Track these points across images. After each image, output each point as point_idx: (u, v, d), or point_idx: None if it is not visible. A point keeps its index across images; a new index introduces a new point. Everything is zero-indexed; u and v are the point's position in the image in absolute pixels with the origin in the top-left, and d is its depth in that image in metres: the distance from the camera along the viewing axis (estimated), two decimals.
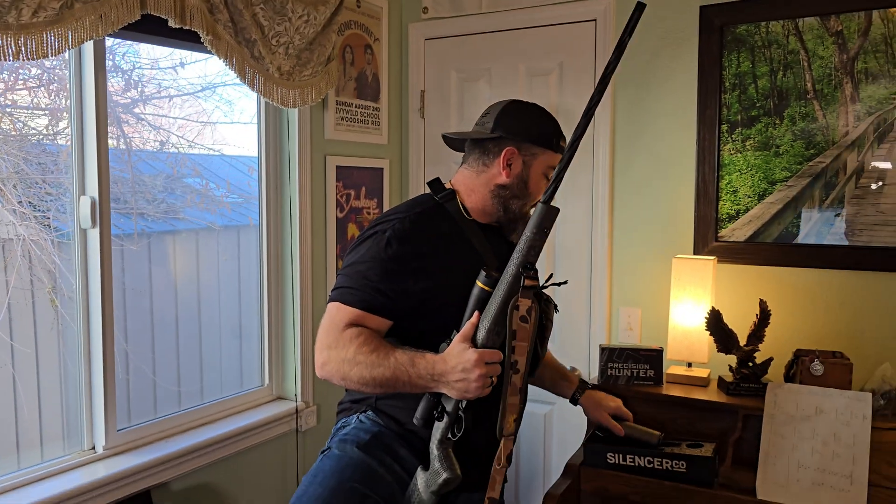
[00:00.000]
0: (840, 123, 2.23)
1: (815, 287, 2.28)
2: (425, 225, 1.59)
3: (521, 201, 1.65)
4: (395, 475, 1.58)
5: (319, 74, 2.36)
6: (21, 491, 1.79)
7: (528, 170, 1.64)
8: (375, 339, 1.51)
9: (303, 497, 1.53)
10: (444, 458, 1.51)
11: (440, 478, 1.50)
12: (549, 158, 1.65)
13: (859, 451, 1.89)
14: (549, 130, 1.67)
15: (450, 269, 1.57)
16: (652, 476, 2.04)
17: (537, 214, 1.45)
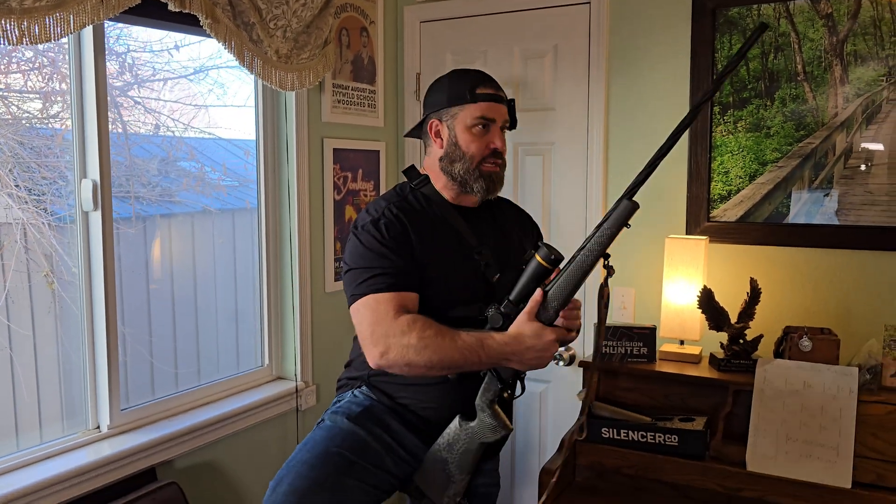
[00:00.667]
0: (829, 105, 2.27)
1: (805, 266, 2.33)
2: (408, 209, 1.68)
3: (461, 163, 1.68)
4: (385, 444, 1.65)
5: (317, 57, 2.37)
6: (29, 469, 1.82)
7: (454, 131, 1.68)
8: (433, 324, 1.55)
9: (292, 461, 1.61)
10: (495, 414, 1.59)
11: (496, 434, 1.59)
12: (469, 111, 1.66)
13: (846, 424, 1.95)
14: (460, 86, 1.68)
15: (435, 247, 1.65)
16: (645, 450, 2.10)
17: (620, 210, 1.50)
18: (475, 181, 1.68)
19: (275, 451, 2.47)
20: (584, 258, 1.53)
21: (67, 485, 1.83)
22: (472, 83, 1.68)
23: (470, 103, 1.66)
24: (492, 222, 1.77)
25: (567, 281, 1.53)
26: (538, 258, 1.54)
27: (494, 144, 1.67)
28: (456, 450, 1.61)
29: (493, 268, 1.67)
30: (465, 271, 1.66)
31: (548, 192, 2.74)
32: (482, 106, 1.66)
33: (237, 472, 2.34)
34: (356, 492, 1.59)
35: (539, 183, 2.75)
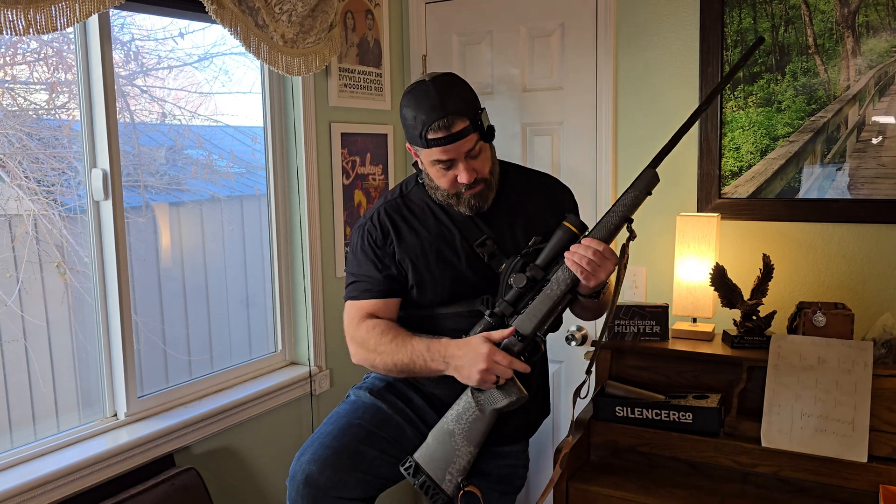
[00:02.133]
0: (841, 78, 2.24)
1: (818, 241, 2.31)
2: (402, 210, 1.71)
3: (438, 191, 1.66)
4: (406, 417, 1.70)
5: (322, 41, 2.36)
6: (50, 457, 1.84)
7: (424, 163, 1.65)
8: (393, 329, 1.64)
9: (316, 433, 1.65)
10: (511, 380, 1.58)
11: (510, 398, 1.57)
12: (426, 155, 1.61)
13: (860, 398, 1.94)
14: (414, 126, 1.58)
15: (430, 246, 1.67)
16: (659, 427, 2.10)
17: (644, 177, 1.59)
18: (458, 205, 1.66)
19: (290, 436, 2.49)
20: (611, 218, 1.58)
21: (87, 472, 1.85)
22: (423, 125, 1.56)
23: (424, 149, 1.59)
24: (501, 209, 1.72)
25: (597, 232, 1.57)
26: (567, 224, 1.58)
27: (461, 181, 1.60)
28: (465, 419, 1.59)
29: (497, 258, 1.66)
30: (466, 266, 1.66)
31: (557, 173, 2.73)
32: (434, 152, 1.58)
33: (254, 457, 2.36)
34: (378, 463, 1.63)
35: (548, 163, 2.74)
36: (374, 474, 1.63)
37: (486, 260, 1.66)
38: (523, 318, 1.58)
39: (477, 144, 1.59)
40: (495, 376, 1.53)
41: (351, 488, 1.58)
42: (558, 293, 1.57)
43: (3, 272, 1.86)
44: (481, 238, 1.66)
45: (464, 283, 1.66)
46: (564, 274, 1.56)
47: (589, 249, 1.52)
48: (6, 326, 1.86)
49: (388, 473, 1.66)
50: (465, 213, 1.67)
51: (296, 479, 1.59)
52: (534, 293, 1.59)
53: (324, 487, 1.57)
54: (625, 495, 2.01)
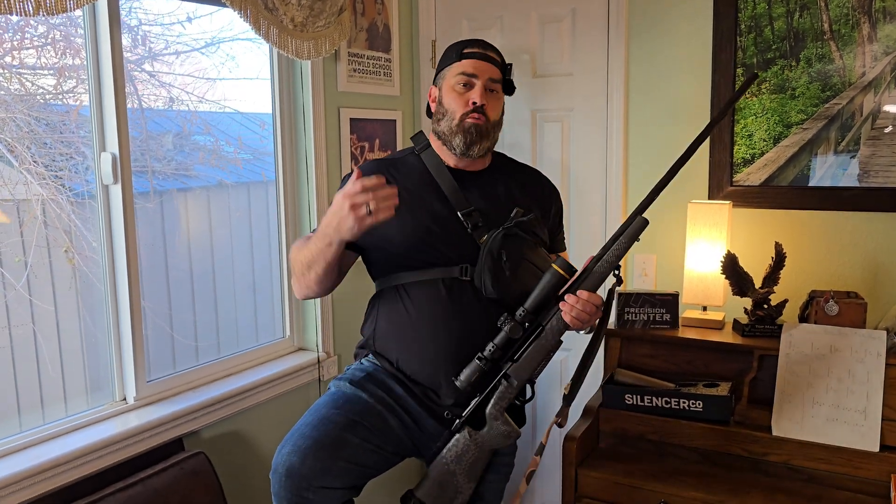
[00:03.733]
0: (857, 64, 2.22)
1: (830, 229, 2.29)
2: (388, 169, 1.73)
3: (444, 121, 1.72)
4: (387, 405, 1.69)
5: (332, 25, 2.34)
6: (58, 440, 1.84)
7: (442, 92, 1.74)
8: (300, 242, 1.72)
9: (297, 425, 1.65)
10: (507, 421, 1.64)
11: (508, 439, 1.64)
12: (453, 70, 1.71)
13: (873, 388, 1.93)
14: (452, 50, 1.74)
15: (412, 207, 1.67)
16: (669, 416, 2.10)
17: (633, 226, 1.58)
18: (454, 136, 1.70)
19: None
20: (602, 268, 1.58)
21: (97, 455, 1.85)
22: (463, 45, 1.73)
23: (455, 62, 1.71)
24: (493, 187, 1.76)
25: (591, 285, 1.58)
26: (556, 268, 1.57)
27: (473, 99, 1.68)
28: (465, 461, 1.64)
29: (481, 230, 1.67)
30: (447, 232, 1.67)
31: (567, 159, 2.71)
32: (465, 63, 1.70)
33: (263, 442, 2.36)
34: (360, 451, 1.61)
35: (558, 150, 2.72)
36: (358, 462, 1.61)
37: (469, 230, 1.67)
38: (519, 367, 1.61)
39: (498, 83, 1.72)
40: (364, 207, 1.47)
41: (334, 477, 1.57)
42: (552, 343, 1.60)
43: (12, 257, 1.86)
44: (468, 208, 1.68)
45: (437, 244, 1.67)
46: (559, 324, 1.59)
47: (588, 304, 1.55)
48: (15, 311, 1.85)
49: (372, 462, 1.64)
50: (458, 147, 1.70)
51: (278, 472, 1.57)
52: (526, 340, 1.61)
53: (306, 477, 1.54)
54: (634, 482, 2.01)
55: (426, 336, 1.67)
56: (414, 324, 1.68)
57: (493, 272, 1.60)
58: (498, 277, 1.60)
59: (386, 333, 1.74)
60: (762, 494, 1.92)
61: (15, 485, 1.68)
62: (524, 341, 1.61)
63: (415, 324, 1.68)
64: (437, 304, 1.66)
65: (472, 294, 1.66)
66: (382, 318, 1.75)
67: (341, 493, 1.59)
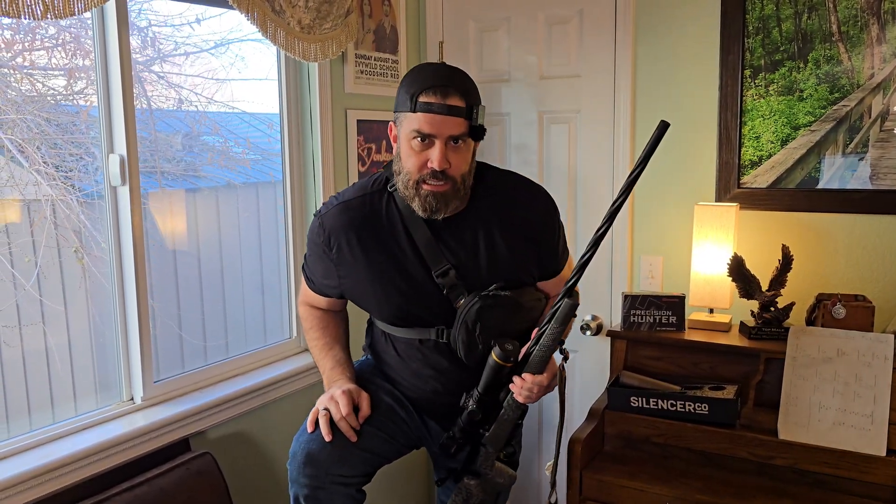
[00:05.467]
0: (865, 66, 2.20)
1: (838, 231, 2.28)
2: (358, 219, 1.58)
3: (401, 179, 1.52)
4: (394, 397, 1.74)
5: (339, 27, 2.35)
6: (66, 440, 1.85)
7: (399, 140, 1.52)
8: (320, 327, 1.79)
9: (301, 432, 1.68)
10: (499, 471, 1.64)
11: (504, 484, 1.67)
12: (408, 122, 1.47)
13: (880, 392, 1.92)
14: (409, 88, 1.47)
15: (382, 265, 1.59)
16: (675, 418, 2.09)
17: (562, 310, 1.44)
18: (412, 199, 1.51)
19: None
20: (540, 352, 1.51)
21: (103, 455, 1.86)
22: (419, 86, 1.45)
23: (410, 112, 1.46)
24: (471, 235, 1.59)
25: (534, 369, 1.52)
26: (494, 357, 1.52)
27: (431, 164, 1.46)
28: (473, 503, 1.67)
29: (457, 290, 1.56)
30: (422, 295, 1.59)
31: (574, 161, 2.71)
32: (420, 117, 1.44)
33: (269, 442, 2.37)
34: (375, 439, 1.64)
35: (565, 151, 2.72)
36: (372, 451, 1.64)
37: (444, 292, 1.57)
38: (490, 436, 1.61)
39: (463, 135, 1.47)
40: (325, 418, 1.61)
41: (351, 465, 1.59)
42: (515, 416, 1.59)
43: (23, 257, 1.88)
44: (443, 267, 1.55)
45: (414, 310, 1.61)
46: (515, 402, 1.56)
47: (534, 387, 1.52)
48: (25, 310, 1.87)
49: (384, 450, 1.67)
50: (418, 212, 1.53)
51: (296, 458, 1.59)
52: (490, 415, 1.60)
53: (324, 463, 1.56)
54: (639, 485, 2.00)
55: (409, 383, 1.72)
56: (398, 367, 1.72)
57: (467, 344, 1.57)
58: (471, 348, 1.57)
59: (378, 359, 1.78)
60: (768, 498, 1.91)
61: (23, 483, 1.70)
62: (489, 416, 1.60)
63: (399, 367, 1.72)
64: (417, 360, 1.68)
65: (448, 354, 1.63)
66: (376, 343, 1.79)
67: (356, 480, 1.62)
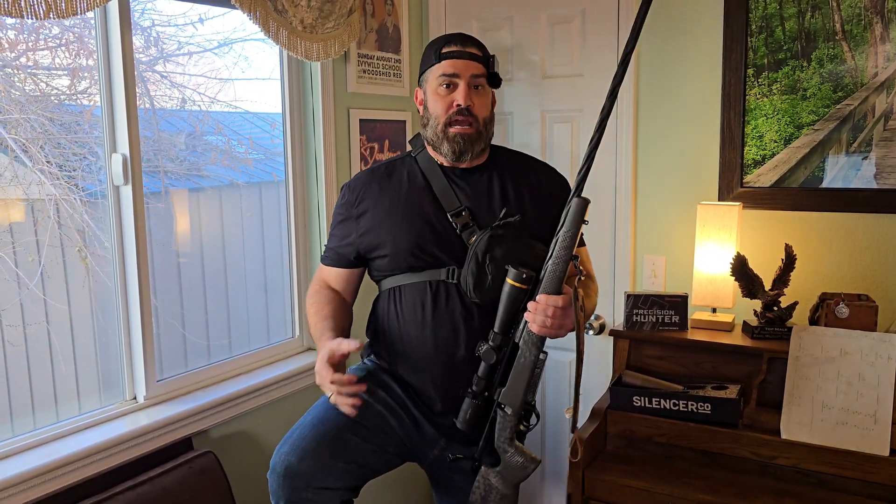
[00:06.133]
0: (869, 65, 2.20)
1: (841, 231, 2.28)
2: (382, 174, 1.74)
3: (430, 126, 1.68)
4: (387, 405, 1.68)
5: (341, 26, 2.35)
6: (69, 439, 1.86)
7: (427, 95, 1.70)
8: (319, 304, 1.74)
9: (297, 424, 1.64)
10: (519, 451, 1.59)
11: (527, 470, 1.59)
12: (434, 72, 1.66)
13: (884, 391, 1.91)
14: (431, 49, 1.69)
15: (399, 210, 1.67)
16: (677, 418, 2.09)
17: (572, 210, 1.49)
18: (441, 143, 1.66)
19: None
20: (555, 265, 1.49)
21: (106, 454, 1.87)
22: (441, 44, 1.67)
23: (436, 63, 1.66)
24: (486, 184, 1.70)
25: (549, 286, 1.50)
26: (509, 281, 1.52)
27: (457, 102, 1.63)
28: (492, 499, 1.61)
29: (471, 230, 1.63)
30: (436, 233, 1.65)
31: (577, 160, 2.70)
32: (444, 64, 1.64)
33: (272, 442, 2.36)
34: (360, 451, 1.61)
35: (567, 151, 2.71)
36: (357, 462, 1.60)
37: (458, 230, 1.64)
38: (508, 391, 1.55)
39: (482, 77, 1.65)
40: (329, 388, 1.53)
41: (334, 478, 1.56)
42: (532, 358, 1.53)
43: (26, 256, 1.88)
44: (458, 208, 1.65)
45: (428, 247, 1.64)
46: (531, 337, 1.52)
47: (549, 308, 1.48)
48: (29, 310, 1.88)
49: (372, 462, 1.63)
50: (447, 156, 1.66)
51: (276, 471, 1.56)
52: (507, 362, 1.55)
53: (305, 476, 1.54)
54: (641, 485, 2.00)
55: (413, 343, 1.66)
56: (402, 330, 1.68)
57: (476, 275, 1.57)
58: (480, 281, 1.56)
59: (381, 338, 1.75)
60: (771, 498, 1.90)
61: (27, 482, 1.71)
62: (506, 363, 1.55)
63: (403, 330, 1.68)
64: (423, 309, 1.64)
65: (457, 298, 1.63)
66: (379, 321, 1.75)
67: (340, 494, 1.59)
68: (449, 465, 1.72)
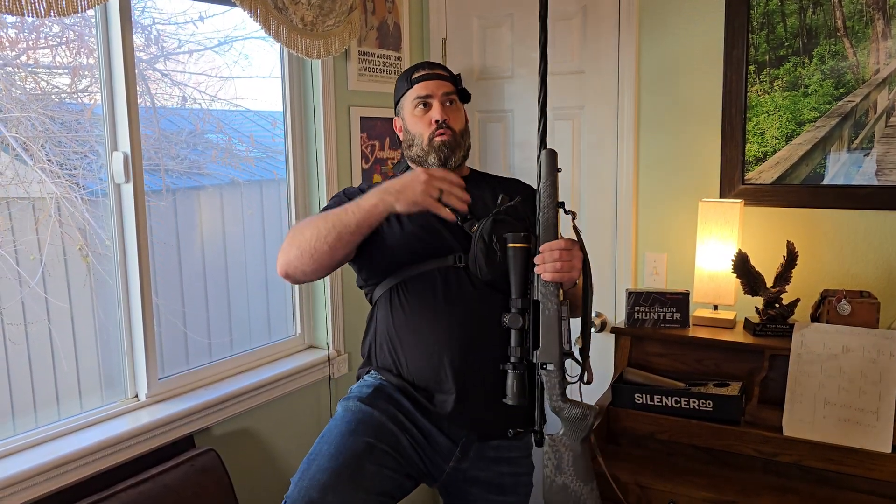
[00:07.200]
0: (871, 61, 2.19)
1: (843, 228, 2.27)
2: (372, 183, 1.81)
3: (415, 145, 1.78)
4: (399, 423, 1.66)
5: (342, 24, 2.35)
6: (71, 437, 1.86)
7: (405, 120, 1.81)
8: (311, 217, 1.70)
9: (312, 455, 1.60)
10: (575, 403, 1.59)
11: (587, 419, 1.59)
12: (409, 97, 1.78)
13: (886, 388, 1.91)
14: (402, 78, 1.82)
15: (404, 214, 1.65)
16: (679, 415, 2.08)
17: (544, 161, 1.60)
18: (428, 155, 1.76)
19: (309, 418, 2.50)
20: (545, 215, 1.57)
21: (108, 452, 1.87)
22: (410, 72, 1.81)
23: (409, 89, 1.78)
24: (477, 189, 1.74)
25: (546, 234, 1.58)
26: (511, 245, 1.58)
27: (435, 118, 1.74)
28: (566, 465, 1.59)
29: (470, 222, 1.67)
30: (438, 226, 1.69)
31: (578, 157, 2.70)
32: (417, 87, 1.77)
33: (274, 439, 2.38)
34: (378, 478, 1.58)
35: (569, 147, 2.71)
36: (377, 492, 1.57)
37: (459, 222, 1.67)
38: (544, 349, 1.57)
39: (453, 94, 1.79)
40: (438, 190, 1.55)
41: None
42: (555, 307, 1.56)
43: (27, 254, 1.88)
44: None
45: (435, 236, 1.70)
46: (546, 287, 1.56)
47: (554, 253, 1.54)
48: (30, 308, 1.88)
49: (389, 488, 1.61)
50: (434, 165, 1.74)
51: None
52: (534, 322, 1.58)
53: None
54: (643, 482, 2.00)
55: (425, 325, 1.66)
56: (411, 316, 1.68)
57: (486, 254, 1.61)
58: (491, 259, 1.61)
59: (385, 336, 1.73)
60: (773, 495, 1.90)
61: (28, 480, 1.71)
62: (534, 323, 1.58)
63: (413, 316, 1.68)
64: (434, 292, 1.67)
65: (466, 280, 1.67)
66: (381, 323, 1.74)
67: None
68: (465, 478, 1.71)
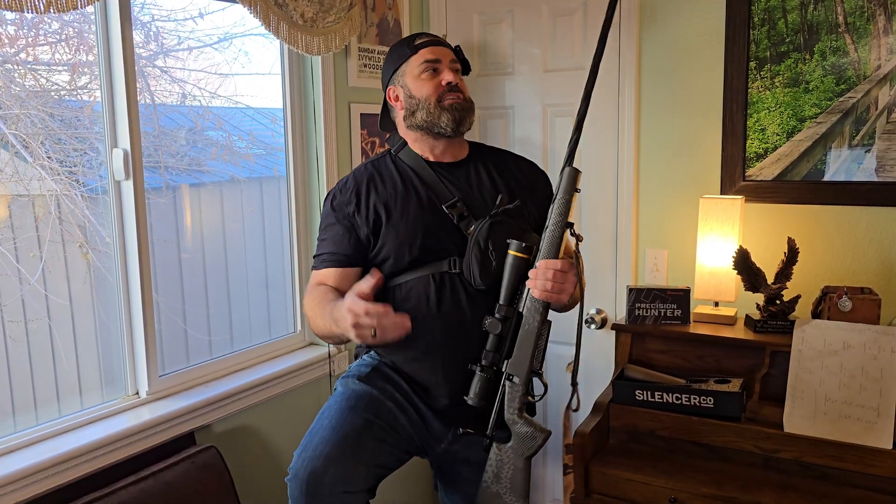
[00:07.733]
0: (872, 57, 2.19)
1: (844, 224, 2.27)
2: (370, 174, 1.75)
3: (421, 110, 1.72)
4: (397, 402, 1.68)
5: (342, 20, 2.34)
6: (71, 434, 1.86)
7: (406, 86, 1.74)
8: (321, 295, 1.67)
9: (314, 429, 1.62)
10: (529, 422, 1.61)
11: (536, 441, 1.60)
12: (413, 62, 1.72)
13: (886, 384, 1.91)
14: (400, 47, 1.76)
15: (396, 205, 1.69)
16: (680, 412, 2.09)
17: (565, 178, 1.58)
18: (439, 117, 1.70)
19: (310, 415, 2.47)
20: (551, 231, 1.57)
21: (109, 449, 1.87)
22: (411, 39, 1.76)
23: (412, 55, 1.72)
24: (474, 175, 1.75)
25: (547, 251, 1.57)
26: (512, 252, 1.58)
27: (446, 80, 1.70)
28: (504, 476, 1.62)
29: (467, 220, 1.66)
30: (434, 226, 1.67)
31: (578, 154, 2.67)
32: (423, 52, 1.72)
33: (274, 436, 2.38)
34: (377, 452, 1.61)
35: None
36: (376, 464, 1.61)
37: (455, 222, 1.67)
38: (514, 361, 1.58)
39: (457, 64, 1.75)
40: (368, 329, 1.47)
41: (356, 481, 1.56)
42: (536, 324, 1.57)
43: (27, 252, 1.88)
44: (452, 200, 1.68)
45: (432, 240, 1.67)
46: (534, 303, 1.56)
47: (548, 272, 1.53)
48: (30, 305, 1.88)
49: (387, 461, 1.64)
50: (445, 128, 1.69)
51: (299, 477, 1.55)
52: (513, 332, 1.59)
53: (329, 483, 1.53)
54: (644, 479, 2.00)
55: (419, 333, 1.64)
56: None
57: (481, 262, 1.60)
58: (485, 267, 1.60)
59: None
60: (773, 492, 1.90)
61: (29, 477, 1.71)
62: (512, 335, 1.59)
63: None
64: (428, 300, 1.66)
65: (461, 286, 1.66)
66: None
67: (362, 497, 1.59)
68: (455, 458, 1.72)
